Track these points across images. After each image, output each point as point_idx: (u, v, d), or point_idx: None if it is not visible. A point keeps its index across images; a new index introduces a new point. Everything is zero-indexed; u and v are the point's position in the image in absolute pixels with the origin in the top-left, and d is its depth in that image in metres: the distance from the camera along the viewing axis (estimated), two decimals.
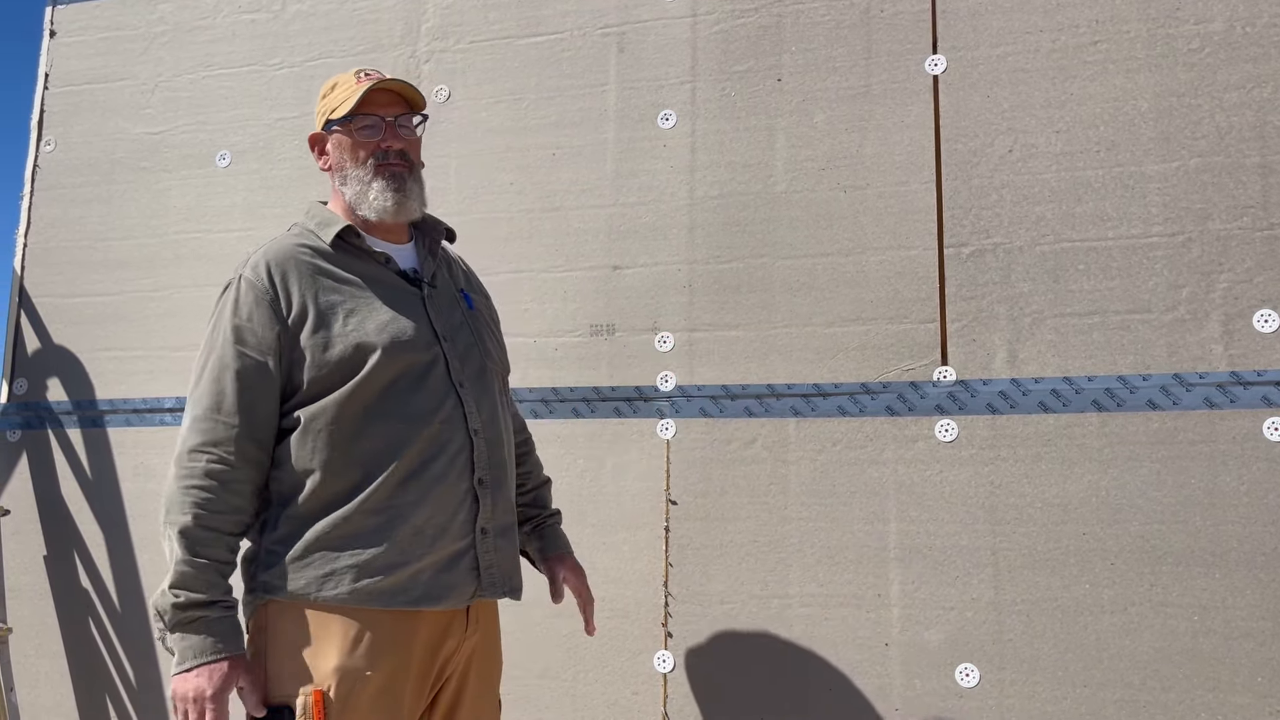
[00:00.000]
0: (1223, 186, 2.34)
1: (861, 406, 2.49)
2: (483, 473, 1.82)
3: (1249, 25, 2.38)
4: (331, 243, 1.83)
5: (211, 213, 3.10)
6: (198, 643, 1.63)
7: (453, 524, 1.77)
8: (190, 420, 1.72)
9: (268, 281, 1.76)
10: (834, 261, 2.57)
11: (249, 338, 1.73)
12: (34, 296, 3.21)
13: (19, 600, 3.05)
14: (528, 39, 2.91)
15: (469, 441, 1.81)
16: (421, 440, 1.75)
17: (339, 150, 1.88)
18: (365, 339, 1.74)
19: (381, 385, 1.75)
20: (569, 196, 2.79)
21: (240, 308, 1.75)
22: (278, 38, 3.14)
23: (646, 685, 2.52)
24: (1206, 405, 2.28)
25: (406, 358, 1.77)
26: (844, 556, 2.45)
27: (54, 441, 3.11)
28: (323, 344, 1.73)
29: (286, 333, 1.74)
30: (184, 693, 1.62)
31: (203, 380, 1.73)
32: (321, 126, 1.91)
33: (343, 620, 1.69)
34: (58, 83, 3.33)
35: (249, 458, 1.70)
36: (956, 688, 2.33)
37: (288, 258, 1.80)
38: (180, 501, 1.67)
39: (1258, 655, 2.18)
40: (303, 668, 1.67)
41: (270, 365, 1.72)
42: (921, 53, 2.59)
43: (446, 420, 1.79)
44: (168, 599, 1.64)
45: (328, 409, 1.72)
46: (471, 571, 1.80)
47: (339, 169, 1.88)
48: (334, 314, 1.76)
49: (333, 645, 1.68)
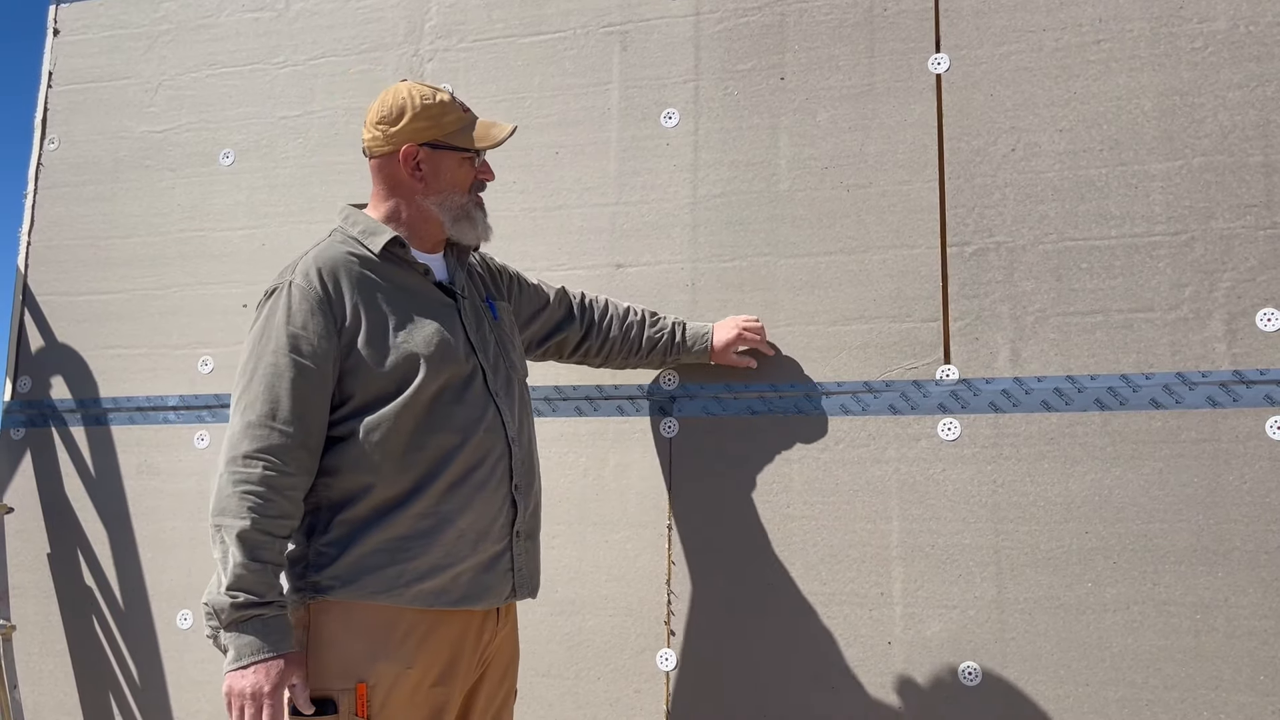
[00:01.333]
0: (1226, 185, 2.34)
1: (864, 405, 2.49)
2: (519, 479, 1.92)
3: (1252, 24, 2.38)
4: (379, 253, 1.89)
5: (215, 211, 3.10)
6: (254, 641, 1.67)
7: (493, 528, 1.86)
8: (244, 425, 1.74)
9: (320, 289, 1.80)
10: (837, 260, 2.57)
11: (304, 345, 1.76)
12: (38, 294, 3.22)
13: (22, 598, 3.06)
14: (530, 37, 2.91)
15: (508, 449, 1.91)
16: (469, 449, 1.84)
17: (447, 172, 1.95)
18: (414, 350, 1.81)
19: (430, 396, 1.82)
20: (572, 195, 2.80)
21: (294, 314, 1.78)
22: (281, 36, 3.15)
23: (649, 683, 2.53)
24: (1209, 404, 2.28)
25: (451, 369, 1.85)
26: (846, 555, 2.45)
27: (57, 439, 3.12)
28: (375, 354, 1.79)
29: (340, 341, 1.79)
30: (241, 689, 1.66)
31: (253, 384, 1.75)
32: (424, 142, 1.93)
33: (386, 619, 1.75)
34: (61, 81, 3.34)
35: (302, 465, 1.75)
36: (959, 686, 2.33)
37: (338, 264, 1.84)
38: (237, 506, 1.69)
39: (1260, 654, 2.18)
40: (346, 662, 1.73)
41: (325, 374, 1.77)
42: (925, 51, 2.59)
43: (489, 430, 1.88)
44: (225, 599, 1.67)
45: (385, 420, 1.78)
46: (507, 573, 1.90)
47: (437, 189, 1.95)
48: (385, 324, 1.82)
49: (376, 641, 1.74)
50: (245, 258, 3.04)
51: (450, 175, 1.96)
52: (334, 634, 1.75)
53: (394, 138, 1.93)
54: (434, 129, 1.93)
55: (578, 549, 2.62)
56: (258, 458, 1.71)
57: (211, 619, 1.70)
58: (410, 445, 1.80)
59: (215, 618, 1.69)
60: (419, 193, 1.95)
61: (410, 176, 1.94)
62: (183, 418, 3.01)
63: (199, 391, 3.00)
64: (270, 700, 1.65)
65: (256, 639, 1.67)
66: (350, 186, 2.97)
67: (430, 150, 1.94)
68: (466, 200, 1.97)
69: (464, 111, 1.99)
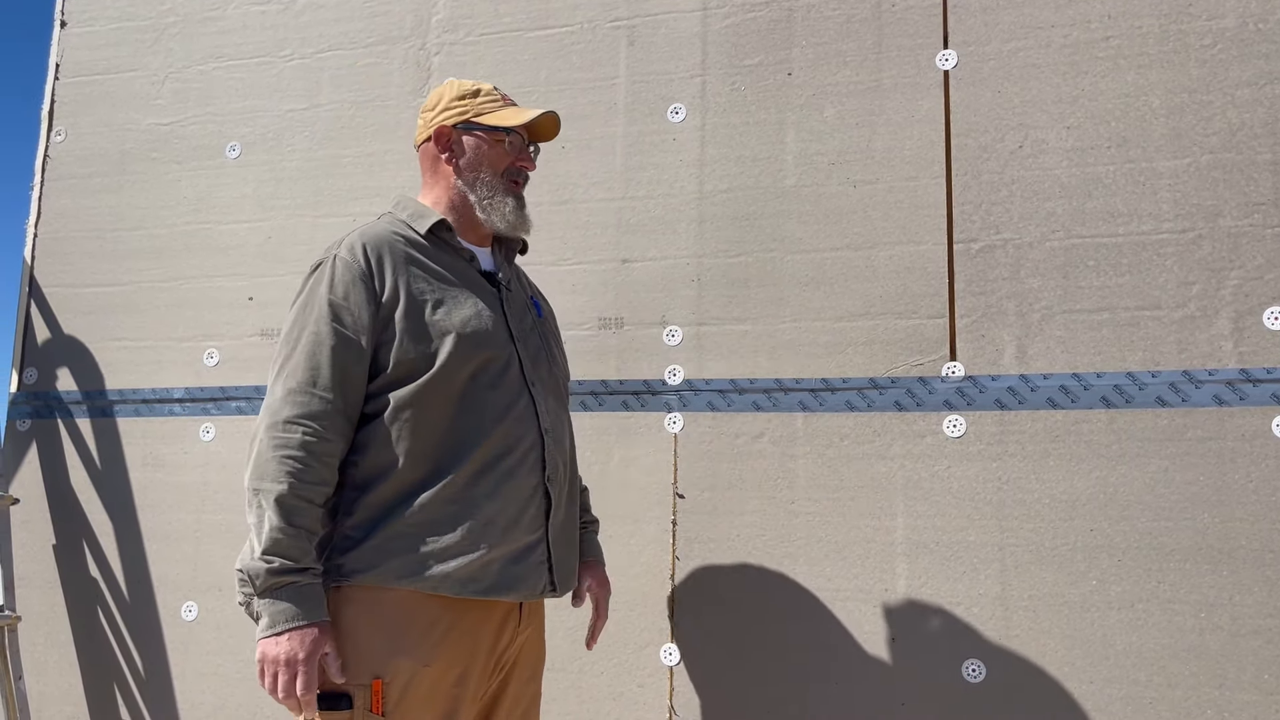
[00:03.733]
0: (1234, 183, 2.34)
1: (869, 401, 2.49)
2: (551, 470, 1.88)
3: (1261, 22, 2.37)
4: (425, 235, 1.90)
5: (221, 204, 3.10)
6: (288, 609, 1.64)
7: (523, 518, 1.82)
8: (284, 392, 1.73)
9: (364, 262, 1.80)
10: (843, 256, 2.57)
11: (345, 316, 1.76)
12: (44, 286, 3.22)
13: (28, 589, 3.06)
14: (537, 32, 2.91)
15: (540, 439, 1.87)
16: (498, 435, 1.81)
17: (477, 152, 1.95)
18: (451, 329, 1.80)
19: (464, 378, 1.80)
20: (578, 190, 2.79)
21: (336, 285, 1.78)
22: (288, 29, 3.15)
23: (652, 678, 2.53)
24: (1216, 402, 2.27)
25: (487, 352, 1.83)
26: (851, 551, 2.45)
27: (63, 431, 3.12)
28: (411, 330, 1.78)
29: (379, 313, 1.78)
30: (275, 655, 1.63)
31: (296, 354, 1.75)
32: (456, 123, 1.95)
33: (408, 609, 1.73)
34: (68, 73, 3.34)
35: (341, 433, 1.74)
36: (963, 683, 2.33)
37: (383, 241, 1.84)
38: (275, 470, 1.67)
39: (1265, 653, 2.18)
40: (364, 656, 1.70)
41: (364, 344, 1.76)
42: (932, 47, 2.58)
43: (520, 417, 1.85)
44: (260, 565, 1.64)
45: (415, 397, 1.76)
46: (542, 565, 1.85)
47: (471, 169, 1.95)
48: (424, 302, 1.81)
49: (395, 636, 1.72)
50: (251, 250, 3.04)
51: (481, 155, 1.96)
52: (353, 625, 1.72)
53: (431, 123, 1.98)
54: (467, 111, 1.96)
55: None
56: (298, 423, 1.70)
57: (245, 585, 1.67)
58: (439, 427, 1.78)
59: (250, 583, 1.66)
60: (454, 174, 1.97)
61: (444, 158, 1.97)
62: (188, 410, 3.01)
63: (205, 384, 3.01)
64: (305, 668, 1.63)
65: (291, 605, 1.64)
66: (356, 180, 2.98)
67: (463, 131, 1.96)
68: (496, 181, 1.95)
69: (502, 99, 2.00)
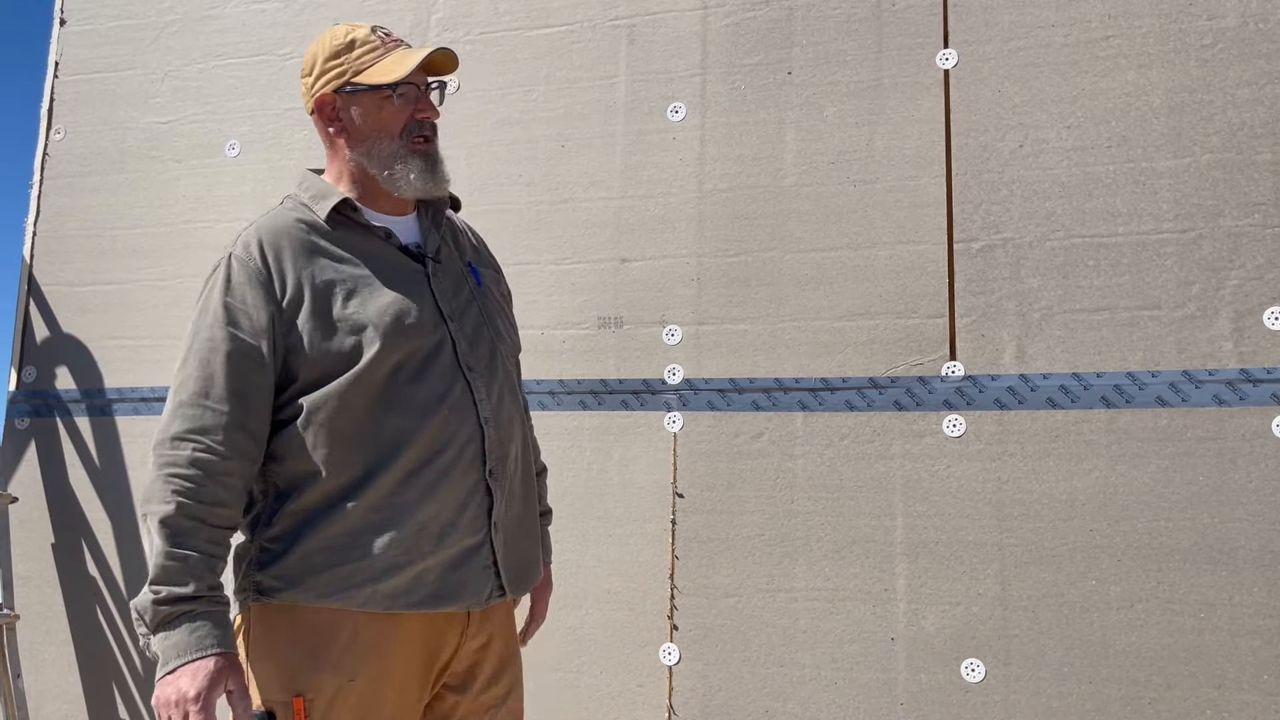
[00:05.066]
0: (1234, 183, 2.33)
1: (869, 401, 2.49)
2: (494, 464, 1.69)
3: (1262, 21, 2.37)
4: (327, 218, 1.69)
5: (220, 202, 3.10)
6: (180, 640, 1.46)
7: (460, 519, 1.65)
8: (174, 405, 1.57)
9: (260, 260, 1.62)
10: (843, 256, 2.56)
11: (242, 319, 1.59)
12: (43, 285, 3.22)
13: (27, 587, 3.06)
14: (537, 30, 2.90)
15: (479, 430, 1.68)
16: (428, 431, 1.63)
17: (365, 118, 1.71)
18: (366, 323, 1.61)
19: (385, 373, 1.62)
20: (578, 189, 2.79)
21: (232, 287, 1.61)
22: (287, 28, 3.14)
23: (651, 678, 2.53)
24: (1216, 402, 2.27)
25: (411, 343, 1.64)
26: (850, 551, 2.45)
27: (62, 430, 3.12)
28: (320, 329, 1.60)
29: (281, 316, 1.60)
30: (165, 698, 1.45)
31: (188, 363, 1.59)
32: (336, 88, 1.71)
33: (331, 622, 1.58)
34: (67, 71, 3.33)
35: (240, 449, 1.56)
36: (962, 683, 2.33)
37: (281, 234, 1.65)
38: (161, 491, 1.50)
39: (1264, 653, 2.17)
40: (285, 673, 1.57)
41: (264, 350, 1.59)
42: (933, 47, 2.58)
43: (454, 408, 1.66)
44: (147, 597, 1.48)
45: (330, 399, 1.59)
46: (487, 570, 1.68)
47: (360, 138, 1.72)
48: (332, 296, 1.62)
49: (317, 649, 1.57)
50: None
51: (371, 120, 1.71)
52: (274, 641, 1.59)
53: (312, 91, 1.74)
54: (345, 71, 1.71)
55: (581, 543, 2.62)
56: (187, 439, 1.53)
57: (139, 623, 1.50)
58: (361, 428, 1.60)
59: (141, 621, 1.49)
60: (347, 148, 1.73)
61: (332, 132, 1.74)
62: None
63: None
64: (198, 707, 1.43)
65: (184, 638, 1.46)
66: None
67: (346, 96, 1.71)
68: (397, 146, 1.71)
69: (382, 44, 1.73)
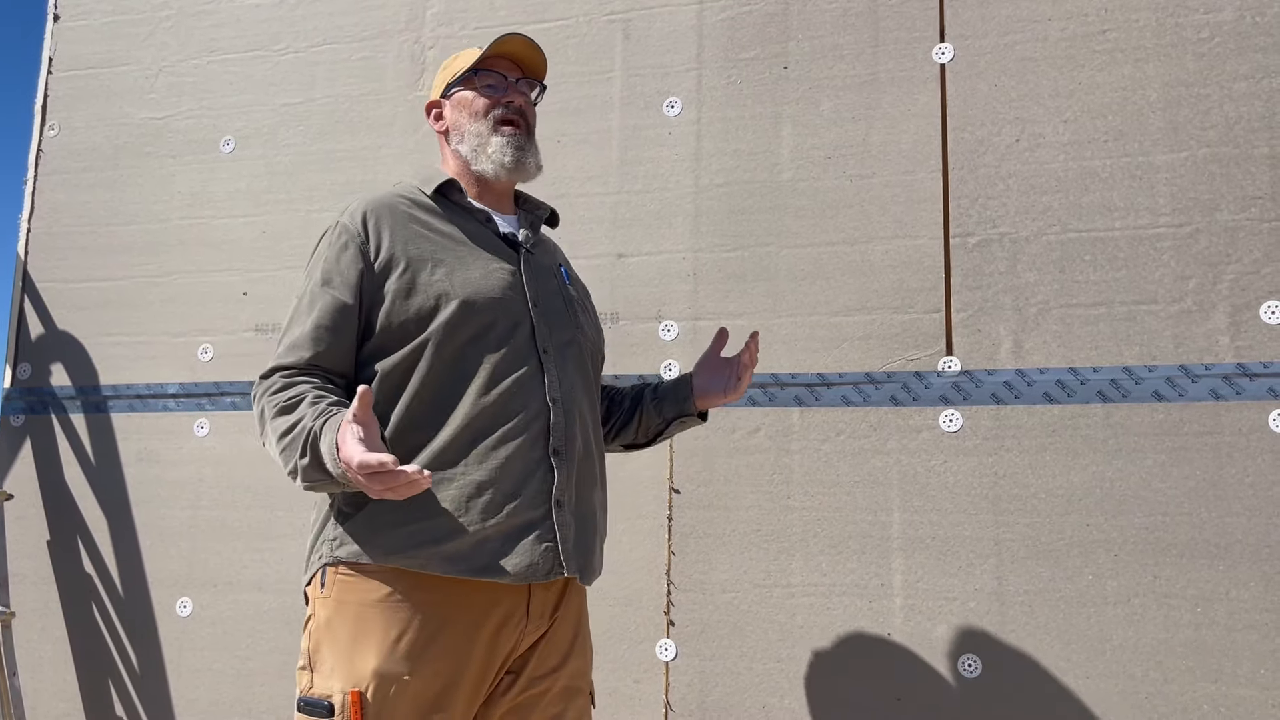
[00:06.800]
0: (1231, 177, 2.33)
1: (866, 396, 2.48)
2: (558, 443, 1.73)
3: (1259, 15, 2.36)
4: (432, 196, 1.84)
5: (216, 198, 3.09)
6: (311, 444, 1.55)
7: (522, 492, 1.69)
8: (274, 356, 1.72)
9: (360, 226, 1.76)
10: (839, 250, 2.56)
11: (335, 278, 1.73)
12: (38, 281, 3.21)
13: (22, 585, 3.06)
14: (533, 25, 2.90)
15: (545, 409, 1.74)
16: (495, 403, 1.70)
17: (457, 109, 1.90)
18: (448, 291, 1.71)
19: (460, 342, 1.71)
20: (573, 184, 2.78)
21: (332, 250, 1.76)
22: (282, 23, 3.13)
23: (648, 673, 2.53)
24: (1212, 397, 2.27)
25: (488, 316, 1.73)
26: (847, 546, 2.44)
27: (57, 427, 3.11)
28: (405, 292, 1.71)
29: (371, 275, 1.73)
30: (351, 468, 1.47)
31: (289, 320, 1.75)
32: (440, 94, 1.93)
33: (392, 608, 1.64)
34: (62, 67, 3.32)
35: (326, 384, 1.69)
36: (959, 678, 2.33)
37: (384, 205, 1.80)
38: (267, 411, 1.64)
39: (1261, 648, 2.17)
40: (346, 664, 1.63)
41: (350, 303, 1.71)
42: (929, 41, 2.57)
43: (522, 384, 1.72)
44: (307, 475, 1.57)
45: (403, 363, 1.70)
46: (548, 547, 1.70)
47: (456, 128, 1.90)
48: (422, 264, 1.74)
49: (378, 642, 1.63)
50: (246, 245, 3.03)
51: (464, 110, 1.90)
52: (337, 629, 1.65)
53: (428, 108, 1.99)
54: (447, 77, 1.94)
55: None
56: (278, 369, 1.68)
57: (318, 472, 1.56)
58: (431, 393, 1.69)
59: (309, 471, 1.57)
60: (449, 141, 1.93)
61: (439, 131, 1.95)
62: (183, 405, 3.00)
63: (199, 379, 3.00)
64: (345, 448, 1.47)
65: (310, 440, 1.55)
66: (351, 174, 2.97)
67: (447, 99, 1.94)
68: (482, 125, 1.87)
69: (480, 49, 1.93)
